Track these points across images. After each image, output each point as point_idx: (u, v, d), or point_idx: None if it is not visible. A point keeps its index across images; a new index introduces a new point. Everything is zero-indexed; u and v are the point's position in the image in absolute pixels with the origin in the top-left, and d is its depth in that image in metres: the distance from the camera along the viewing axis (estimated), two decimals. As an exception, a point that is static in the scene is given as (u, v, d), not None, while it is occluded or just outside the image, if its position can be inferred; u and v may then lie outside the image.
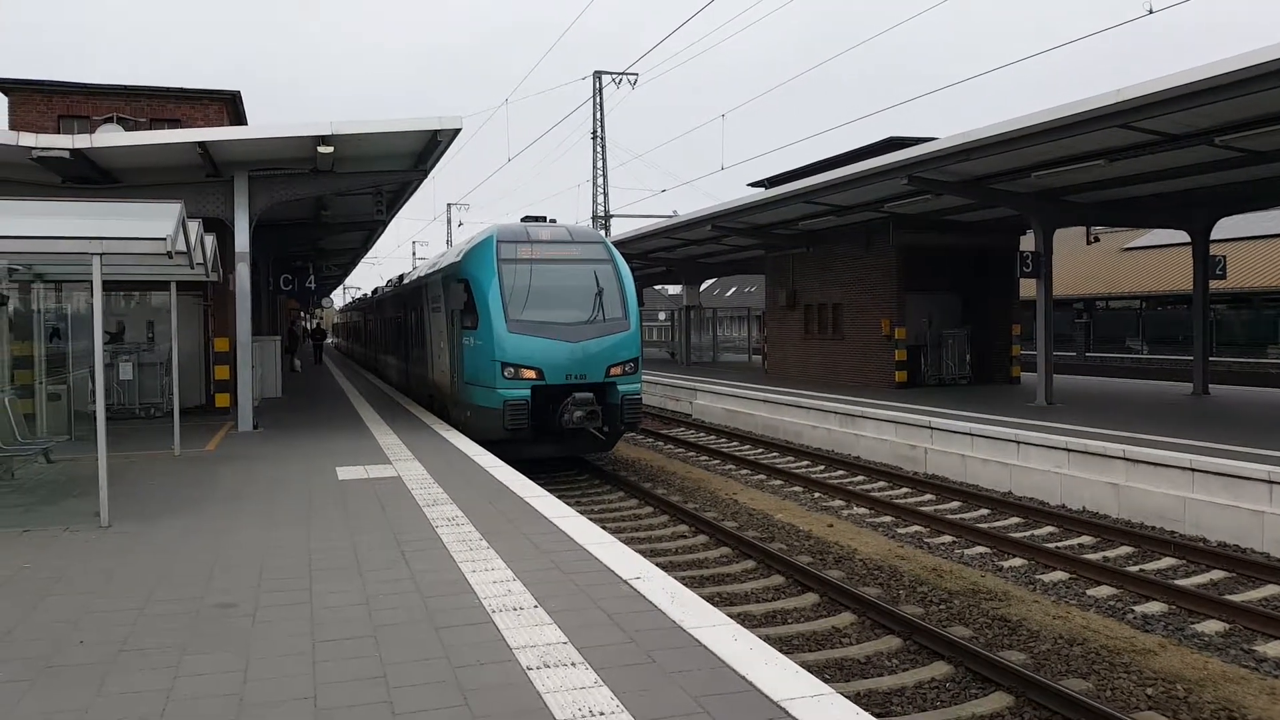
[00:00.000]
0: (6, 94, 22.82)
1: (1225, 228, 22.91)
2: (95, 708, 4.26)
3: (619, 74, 37.10)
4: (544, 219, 16.20)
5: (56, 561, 6.92)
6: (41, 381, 13.06)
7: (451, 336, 15.78)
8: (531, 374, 13.87)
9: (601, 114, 37.65)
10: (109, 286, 11.98)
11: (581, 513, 8.66)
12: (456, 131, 14.15)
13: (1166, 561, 10.24)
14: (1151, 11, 14.88)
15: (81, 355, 14.76)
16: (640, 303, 16.44)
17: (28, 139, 13.15)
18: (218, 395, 17.71)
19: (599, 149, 37.70)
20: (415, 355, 20.82)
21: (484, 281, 14.34)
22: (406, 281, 23.50)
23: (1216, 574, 9.73)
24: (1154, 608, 8.71)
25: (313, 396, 22.23)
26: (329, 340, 65.12)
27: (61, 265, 11.41)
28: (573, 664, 4.68)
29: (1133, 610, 8.67)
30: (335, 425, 15.79)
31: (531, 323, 14.11)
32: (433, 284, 17.92)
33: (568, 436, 14.21)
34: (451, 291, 15.63)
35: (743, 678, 4.48)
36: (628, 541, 10.19)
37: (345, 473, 10.74)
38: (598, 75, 37.45)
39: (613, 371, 14.28)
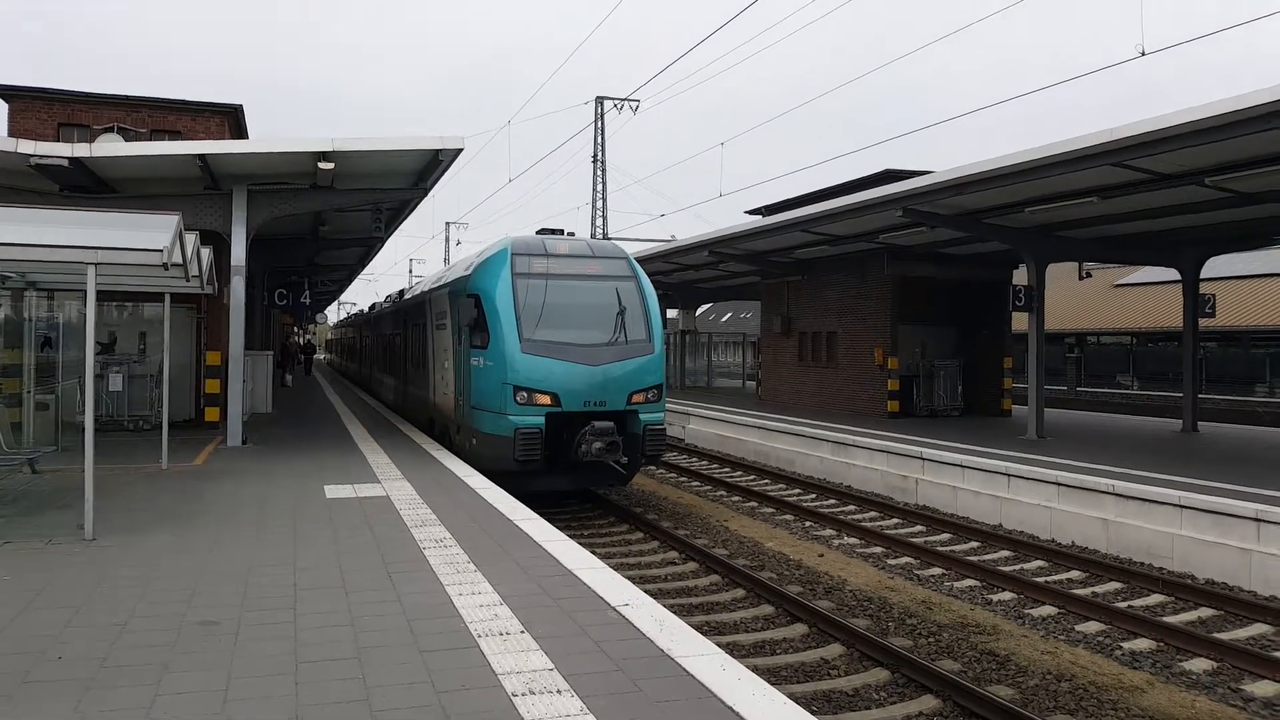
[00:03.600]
0: (7, 101, 22.81)
1: (1215, 266, 23.09)
2: (73, 725, 4.20)
3: (621, 100, 37.33)
4: (561, 231, 15.08)
5: (37, 575, 6.84)
6: (30, 391, 12.98)
7: (458, 356, 14.60)
8: (546, 399, 12.63)
9: (602, 138, 37.85)
10: (102, 296, 11.93)
11: (570, 537, 8.61)
12: (458, 151, 14.18)
13: (1155, 598, 10.22)
14: (1144, 54, 15.03)
15: (71, 365, 14.68)
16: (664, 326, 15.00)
17: (26, 146, 13.14)
18: (207, 409, 17.64)
19: (599, 172, 37.86)
20: (415, 376, 19.55)
21: (496, 297, 13.10)
22: (408, 296, 22.11)
23: (1205, 611, 9.72)
24: (1142, 644, 8.69)
25: (303, 413, 22.14)
26: (320, 356, 65.19)
27: (56, 274, 11.37)
28: (559, 691, 4.64)
29: (1121, 647, 8.64)
30: (325, 443, 15.71)
31: (547, 343, 12.84)
32: (438, 298, 16.64)
33: (583, 469, 13.11)
34: (459, 307, 14.35)
35: (730, 708, 4.44)
36: (617, 567, 10.14)
37: (333, 491, 10.68)
38: (599, 100, 37.68)
39: (635, 399, 13.07)
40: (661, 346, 13.62)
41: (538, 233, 14.94)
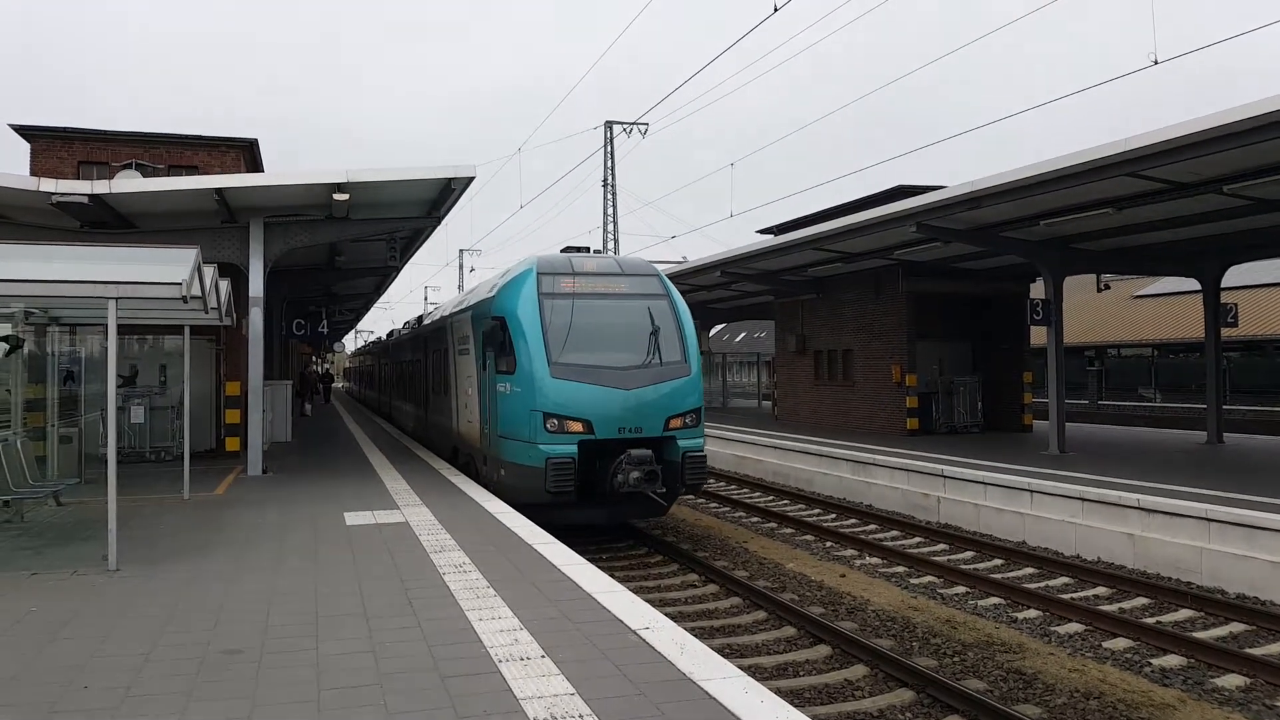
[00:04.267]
0: (28, 140, 23.19)
1: (1237, 275, 22.90)
2: (98, 756, 4.21)
3: (630, 124, 37.53)
4: (587, 250, 14.62)
5: (63, 605, 6.89)
6: (54, 424, 13.11)
7: (482, 382, 13.92)
8: (578, 427, 11.98)
9: (612, 162, 38.04)
10: (123, 330, 12.09)
11: (589, 560, 8.59)
12: (470, 180, 14.32)
13: (1184, 613, 10.08)
14: (1156, 62, 15.01)
15: (93, 398, 14.83)
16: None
17: (48, 184, 13.36)
18: (228, 439, 17.76)
19: (609, 196, 38.04)
20: (437, 403, 18.79)
21: (522, 319, 12.50)
22: (428, 322, 21.44)
23: (1236, 626, 9.57)
24: (1172, 661, 8.56)
25: (322, 441, 22.24)
26: (338, 385, 65.64)
27: (78, 309, 11.53)
28: (581, 716, 4.62)
29: (1150, 663, 8.52)
30: (344, 470, 15.77)
31: (578, 366, 12.23)
32: (459, 323, 16.04)
33: (619, 500, 12.26)
34: (483, 331, 13.71)
35: (753, 731, 4.40)
36: (636, 590, 10.10)
37: (353, 518, 10.71)
38: (608, 125, 37.90)
39: (672, 424, 12.43)
40: (699, 367, 13.04)
41: (562, 251, 14.40)
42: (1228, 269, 19.98)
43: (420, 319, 24.35)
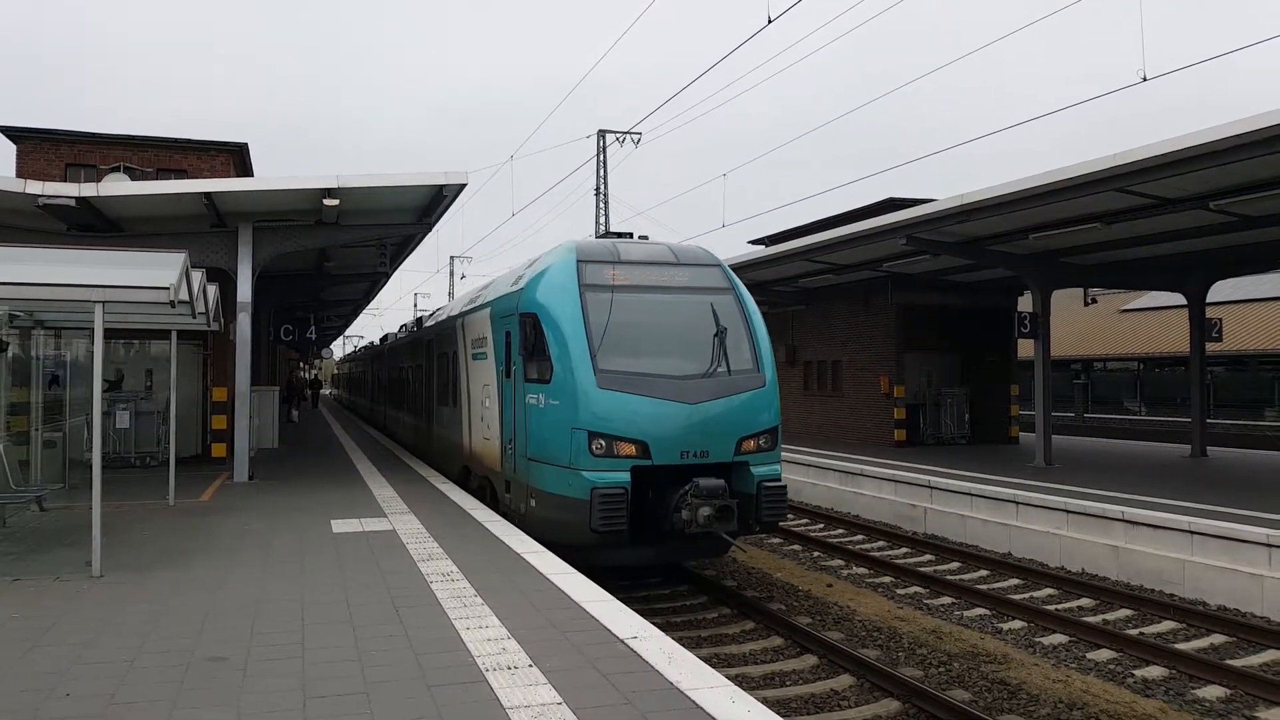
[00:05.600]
0: (15, 142, 23.10)
1: (1221, 290, 23.12)
2: (81, 764, 4.18)
3: (623, 133, 37.59)
4: (629, 235, 12.55)
5: (46, 611, 6.84)
6: (37, 428, 13.02)
7: (504, 392, 11.81)
8: (631, 449, 9.84)
9: (605, 170, 38.08)
10: (109, 334, 12.00)
11: (575, 570, 8.57)
12: (462, 187, 14.31)
13: (1166, 625, 10.14)
14: (1145, 79, 15.15)
15: (79, 402, 14.74)
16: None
17: (34, 186, 13.29)
18: (214, 445, 17.67)
19: (602, 205, 38.08)
20: (444, 416, 16.51)
21: (561, 316, 10.42)
22: (432, 322, 19.08)
23: (1217, 638, 9.64)
24: (1154, 672, 8.61)
25: (310, 449, 22.15)
26: (326, 391, 65.44)
27: (63, 312, 11.47)
28: (567, 724, 4.61)
29: (1133, 674, 8.57)
30: (331, 477, 15.71)
31: (631, 375, 10.11)
32: (474, 321, 13.80)
33: (675, 538, 10.09)
34: (508, 330, 11.68)
35: (740, 741, 4.40)
36: (624, 600, 10.08)
37: (340, 526, 10.67)
38: (601, 134, 37.94)
39: (745, 446, 10.26)
40: (774, 377, 10.89)
41: (600, 237, 12.47)
42: (1213, 284, 20.16)
43: (420, 321, 22.38)
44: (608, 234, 12.37)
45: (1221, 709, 7.75)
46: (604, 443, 9.84)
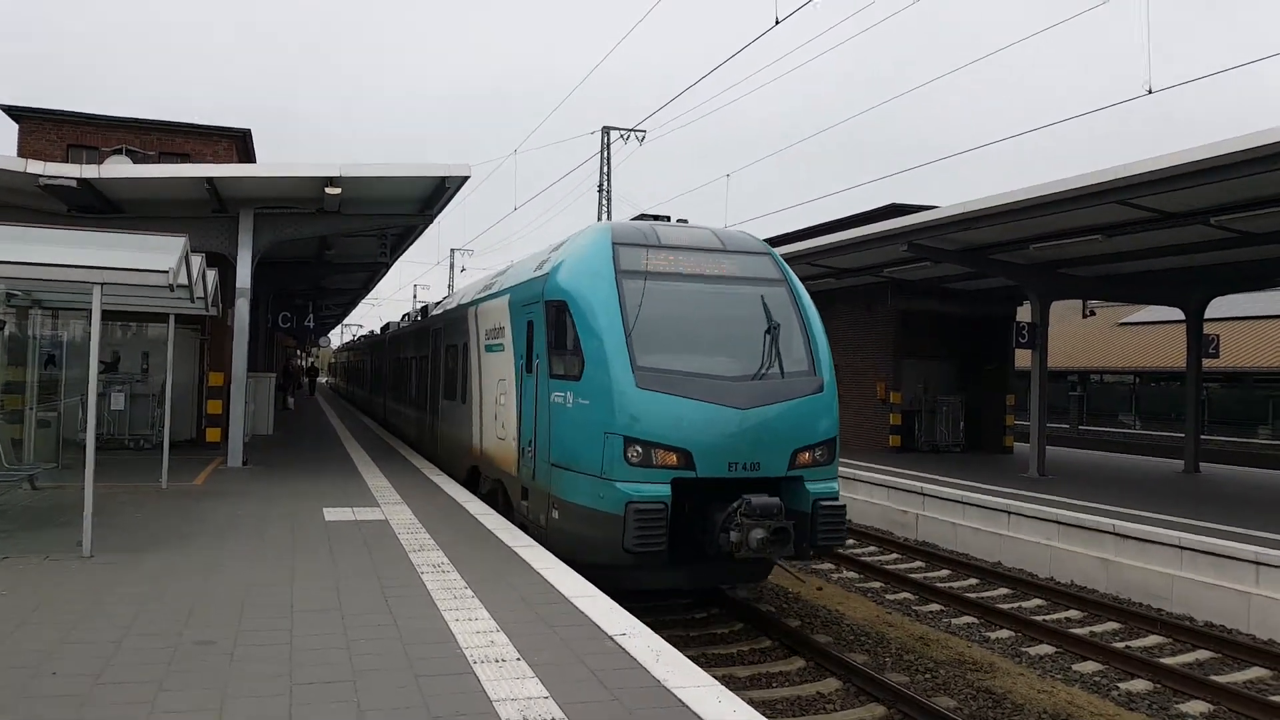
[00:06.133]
0: (17, 121, 23.07)
1: (1219, 307, 23.14)
2: (65, 743, 4.19)
3: (627, 130, 37.56)
4: (666, 219, 11.23)
5: (35, 590, 6.84)
6: (32, 407, 13.01)
7: (523, 389, 10.71)
8: (672, 459, 8.71)
9: (608, 167, 38.06)
10: (107, 316, 12.00)
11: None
12: (464, 179, 14.29)
13: (1153, 639, 10.16)
14: (1150, 91, 15.18)
15: (74, 383, 14.72)
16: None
17: (35, 166, 13.27)
18: (209, 430, 17.68)
19: (605, 202, 38.05)
20: (451, 411, 15.37)
21: (595, 304, 9.34)
22: (441, 310, 17.81)
23: (1202, 654, 9.67)
24: (1139, 685, 8.64)
25: (305, 436, 22.14)
26: (322, 380, 65.49)
27: (62, 293, 11.45)
28: (553, 719, 4.62)
29: (1118, 687, 8.59)
30: (325, 465, 15.71)
31: (674, 374, 8.98)
32: (490, 310, 12.66)
33: (710, 558, 9.01)
34: (529, 320, 10.67)
35: (724, 740, 4.42)
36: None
37: (332, 514, 10.67)
38: (606, 130, 37.91)
39: (800, 459, 9.11)
40: (833, 380, 9.70)
41: (634, 220, 11.33)
42: (1211, 300, 20.18)
43: (425, 309, 21.27)
44: (642, 216, 11.20)
45: (1205, 724, 7.78)
46: (641, 450, 8.70)
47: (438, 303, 19.84)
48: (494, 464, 12.09)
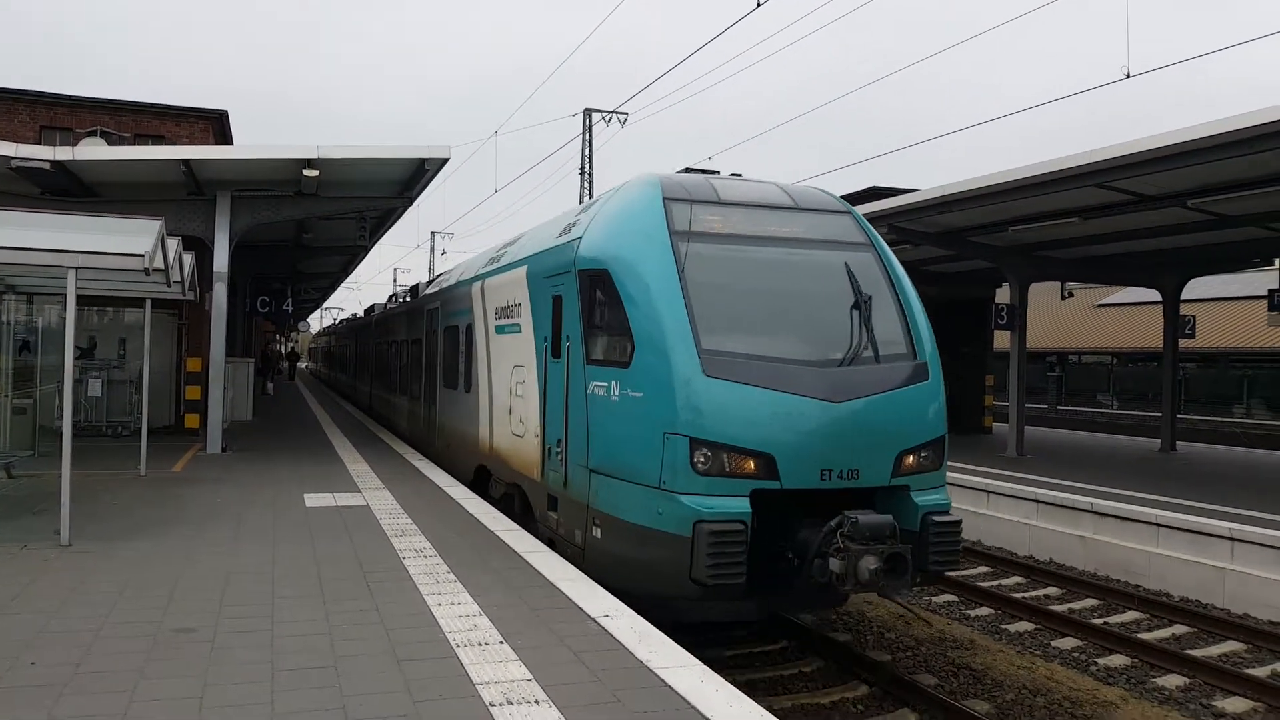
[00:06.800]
0: (-11, 103, 22.71)
1: (1196, 288, 23.35)
2: (45, 731, 4.16)
3: (609, 112, 37.35)
4: (715, 173, 9.52)
5: (12, 579, 6.77)
6: (7, 395, 12.86)
7: (546, 376, 9.09)
8: (751, 466, 7.07)
9: (590, 150, 37.88)
10: (83, 301, 11.85)
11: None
12: (444, 161, 14.20)
13: (1130, 615, 10.30)
14: (1129, 75, 15.24)
15: (50, 369, 14.56)
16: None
17: (7, 148, 13.09)
18: (187, 416, 17.55)
19: (586, 184, 37.90)
20: (452, 402, 13.71)
21: (647, 272, 7.67)
22: (437, 289, 15.97)
23: (1179, 628, 9.81)
24: (1117, 660, 8.76)
25: (284, 421, 22.03)
26: (302, 365, 65.14)
27: (36, 277, 11.30)
28: (536, 701, 4.63)
29: (1096, 662, 8.71)
30: (305, 451, 15.63)
31: (750, 360, 7.33)
32: (501, 285, 11.06)
33: (781, 585, 7.36)
34: (555, 294, 8.97)
35: (707, 719, 4.45)
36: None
37: (313, 500, 10.62)
38: (588, 112, 37.69)
39: (906, 463, 7.46)
40: (938, 363, 8.05)
41: (681, 173, 9.52)
42: (1188, 282, 20.37)
43: (415, 289, 19.62)
44: (689, 170, 9.60)
45: (1180, 697, 7.90)
46: (711, 455, 7.02)
47: (431, 280, 18.21)
48: (509, 465, 10.44)
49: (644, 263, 7.73)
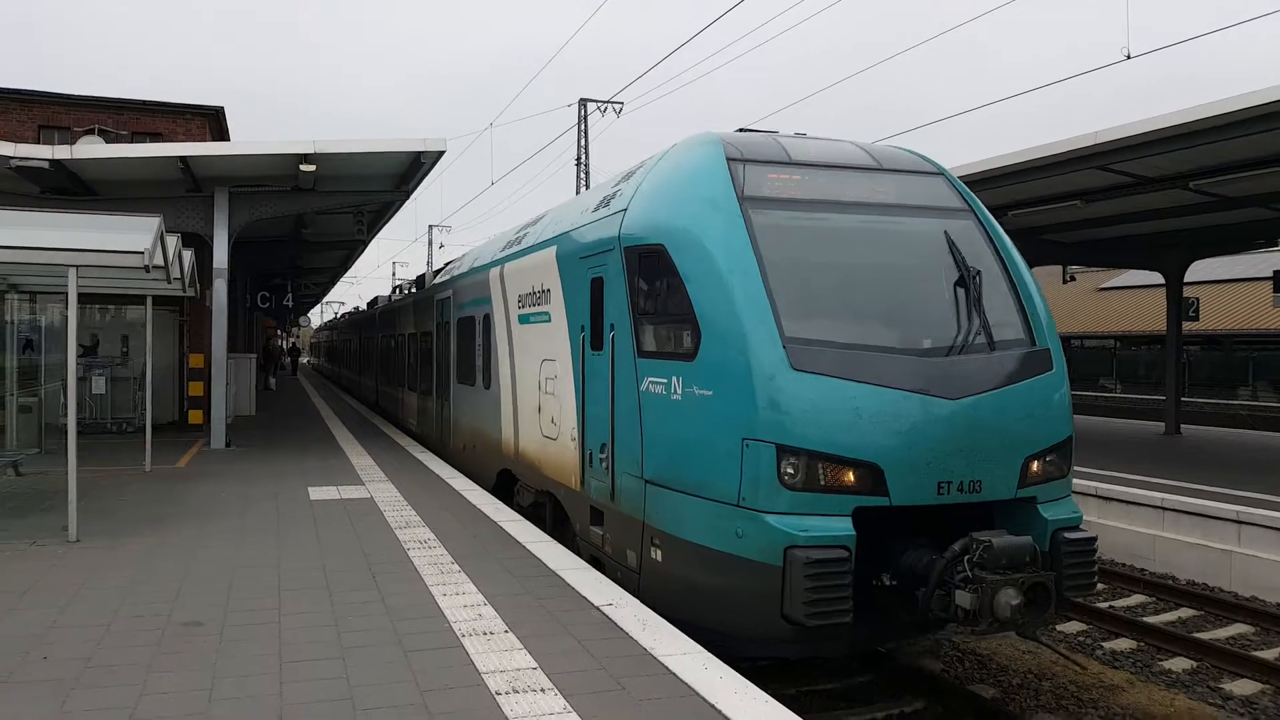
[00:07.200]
0: (-13, 103, 22.69)
1: (1199, 270, 23.32)
2: (55, 725, 4.18)
3: (604, 102, 37.28)
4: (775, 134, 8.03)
5: (22, 576, 6.81)
6: (12, 394, 12.90)
7: (585, 370, 8.04)
8: (852, 478, 5.94)
9: (586, 140, 37.82)
10: (84, 299, 11.90)
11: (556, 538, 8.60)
12: (440, 154, 14.19)
13: (1136, 598, 10.31)
14: (1129, 56, 15.18)
15: (54, 368, 14.60)
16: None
17: (6, 148, 13.08)
18: (191, 412, 17.59)
19: (582, 175, 37.85)
20: (468, 399, 12.79)
21: (714, 245, 6.56)
22: (448, 277, 14.97)
23: (1185, 612, 9.81)
24: (1122, 644, 8.78)
25: (287, 416, 22.06)
26: (303, 360, 65.30)
27: (37, 276, 11.32)
28: (542, 690, 4.65)
29: (1102, 646, 8.72)
30: (308, 445, 15.66)
31: (846, 349, 6.21)
32: (524, 269, 10.08)
33: (871, 614, 6.08)
34: (595, 276, 7.89)
35: (712, 706, 4.46)
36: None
37: (317, 493, 10.65)
38: (583, 103, 37.62)
39: (1032, 470, 6.35)
40: (1060, 351, 6.89)
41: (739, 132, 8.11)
42: (1191, 264, 20.32)
43: (421, 280, 18.54)
44: (743, 130, 8.19)
45: (1187, 680, 7.92)
46: (804, 465, 5.88)
47: (441, 268, 16.92)
48: (539, 471, 9.46)
49: (709, 235, 6.62)
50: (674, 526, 6.51)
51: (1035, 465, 6.33)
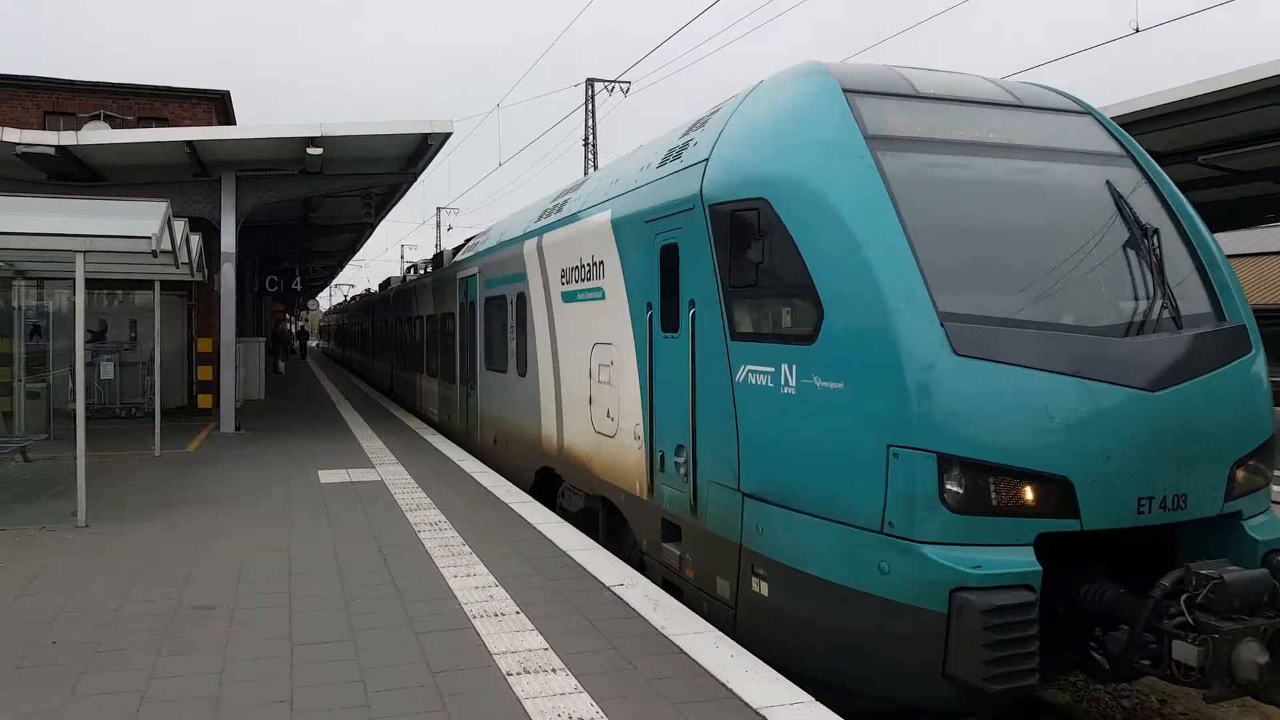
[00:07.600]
0: (-8, 89, 22.66)
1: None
2: (68, 709, 4.21)
3: (611, 82, 37.08)
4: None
5: (32, 561, 6.84)
6: (21, 379, 12.96)
7: (653, 357, 6.84)
8: (1032, 496, 4.63)
9: (593, 120, 37.64)
10: (92, 285, 11.90)
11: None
12: (447, 135, 14.15)
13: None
14: (1138, 30, 15.02)
15: (62, 353, 14.65)
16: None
17: (12, 134, 13.08)
18: (200, 396, 17.66)
19: (590, 155, 37.71)
20: (498, 388, 11.80)
21: (837, 199, 5.25)
22: (472, 253, 13.67)
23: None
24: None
25: (297, 399, 22.12)
26: (312, 344, 65.56)
27: (45, 262, 11.34)
28: (553, 670, 4.66)
29: None
30: (318, 428, 15.70)
31: (1015, 328, 4.93)
32: (570, 240, 8.84)
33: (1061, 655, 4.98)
34: (665, 244, 6.71)
35: (723, 685, 4.46)
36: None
37: (327, 476, 10.68)
38: (590, 83, 37.42)
39: (1238, 478, 5.09)
40: (1256, 330, 5.64)
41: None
42: (1200, 238, 20.14)
43: (440, 257, 17.16)
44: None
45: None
46: (970, 479, 4.62)
47: (464, 243, 15.62)
48: (590, 472, 8.26)
49: (831, 185, 5.29)
50: (787, 554, 5.25)
51: (1240, 473, 5.10)
